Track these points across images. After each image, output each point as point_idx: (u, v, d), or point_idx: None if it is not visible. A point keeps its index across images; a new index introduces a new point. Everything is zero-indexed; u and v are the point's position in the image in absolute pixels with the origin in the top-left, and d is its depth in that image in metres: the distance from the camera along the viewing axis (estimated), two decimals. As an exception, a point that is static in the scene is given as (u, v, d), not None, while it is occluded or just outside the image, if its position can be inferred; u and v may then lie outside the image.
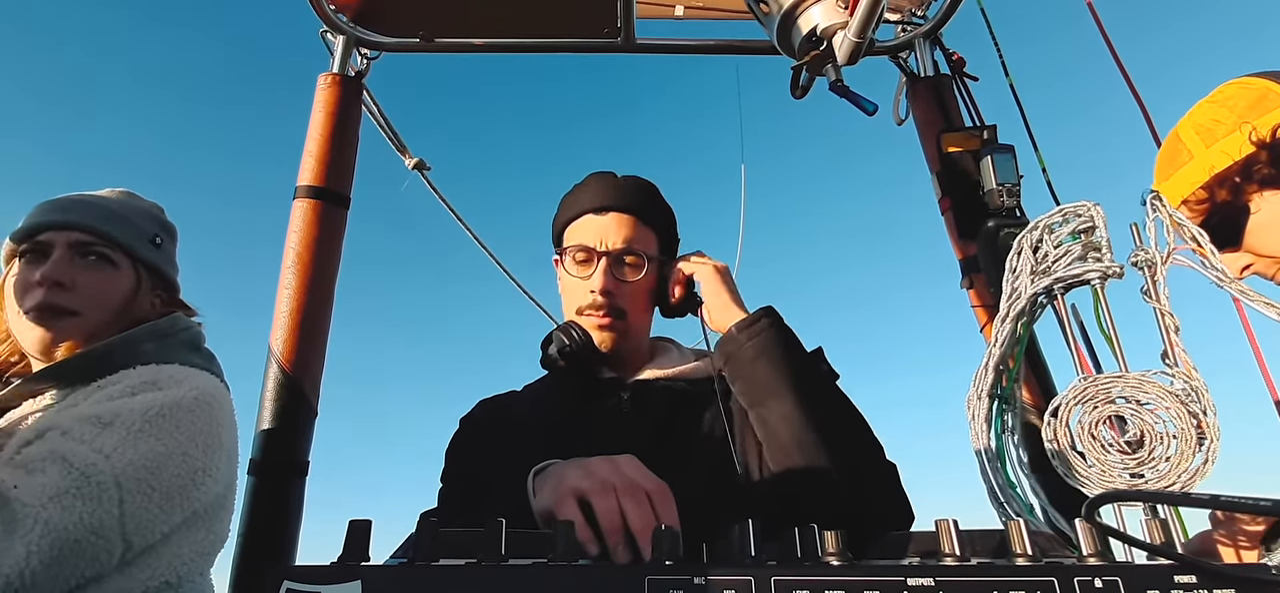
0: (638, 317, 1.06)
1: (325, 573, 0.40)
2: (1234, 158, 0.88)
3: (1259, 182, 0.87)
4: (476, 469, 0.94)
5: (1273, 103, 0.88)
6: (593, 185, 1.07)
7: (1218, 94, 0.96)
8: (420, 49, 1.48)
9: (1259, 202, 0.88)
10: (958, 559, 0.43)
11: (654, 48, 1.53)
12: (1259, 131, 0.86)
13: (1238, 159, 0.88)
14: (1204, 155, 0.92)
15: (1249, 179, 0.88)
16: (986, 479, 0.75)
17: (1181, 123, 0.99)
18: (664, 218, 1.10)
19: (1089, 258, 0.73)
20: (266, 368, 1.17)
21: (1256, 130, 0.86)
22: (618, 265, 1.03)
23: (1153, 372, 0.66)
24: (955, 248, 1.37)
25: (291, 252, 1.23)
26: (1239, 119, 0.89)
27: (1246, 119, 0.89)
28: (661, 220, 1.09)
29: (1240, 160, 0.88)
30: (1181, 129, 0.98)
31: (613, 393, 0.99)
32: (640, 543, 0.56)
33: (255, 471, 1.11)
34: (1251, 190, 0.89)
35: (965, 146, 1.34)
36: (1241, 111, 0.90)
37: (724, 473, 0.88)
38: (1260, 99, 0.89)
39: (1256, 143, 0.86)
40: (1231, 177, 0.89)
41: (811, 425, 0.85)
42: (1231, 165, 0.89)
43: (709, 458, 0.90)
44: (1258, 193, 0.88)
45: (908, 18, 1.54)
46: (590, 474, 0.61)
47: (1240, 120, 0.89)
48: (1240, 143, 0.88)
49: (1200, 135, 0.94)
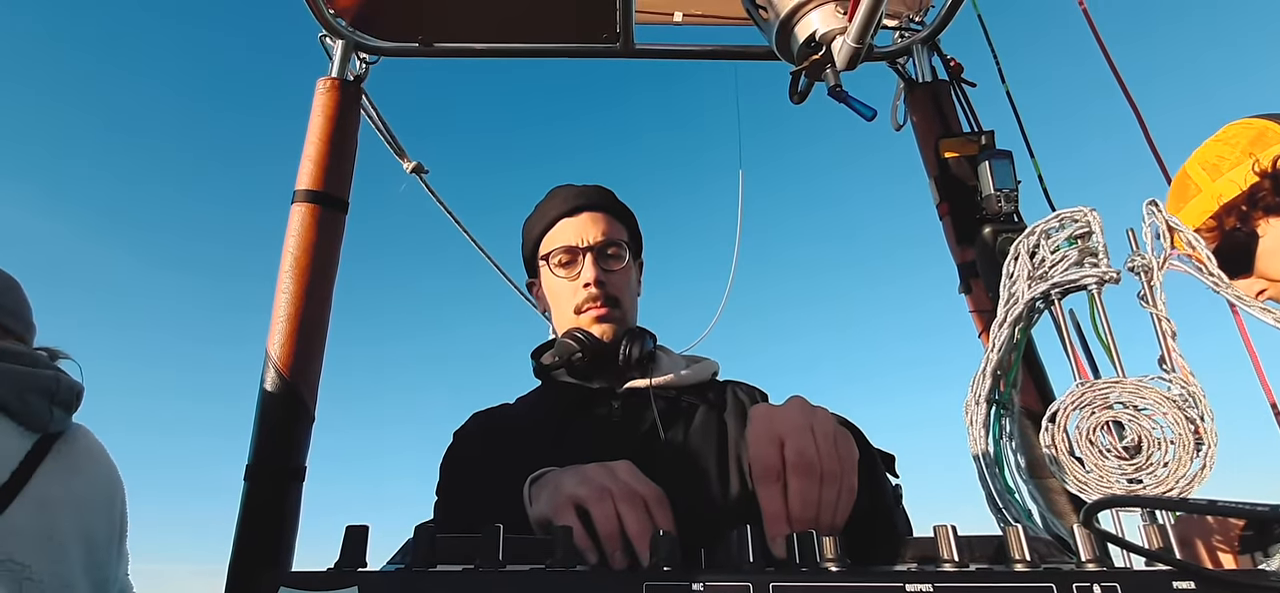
0: (629, 305, 1.07)
1: (322, 579, 0.40)
2: (1240, 187, 0.94)
3: (1264, 209, 0.93)
4: (471, 481, 0.93)
5: (1272, 139, 0.94)
6: (558, 194, 1.10)
7: (1222, 134, 1.02)
8: (419, 54, 1.48)
9: (1265, 227, 0.94)
10: (956, 565, 0.43)
11: (653, 53, 1.53)
12: (1262, 162, 0.92)
13: (1244, 188, 0.94)
14: (1211, 187, 0.98)
15: (1255, 206, 0.94)
16: (985, 485, 0.75)
17: (1189, 161, 1.05)
18: (629, 213, 1.14)
19: (1086, 263, 0.73)
20: (263, 372, 1.16)
21: (1259, 161, 0.92)
22: (603, 257, 1.05)
23: (1150, 377, 0.66)
24: (953, 253, 1.37)
25: (290, 256, 1.23)
26: (1243, 153, 0.96)
27: (1249, 153, 0.95)
28: (628, 215, 1.13)
29: (1246, 190, 0.93)
30: (1189, 166, 1.05)
31: (604, 401, 0.99)
32: (638, 549, 0.56)
33: (251, 475, 1.10)
34: (1258, 217, 0.94)
35: (963, 152, 1.35)
36: (1244, 147, 0.96)
37: (718, 478, 0.88)
38: (1260, 136, 0.96)
39: (1260, 173, 0.92)
40: (1238, 205, 0.95)
41: None
42: (1238, 194, 0.94)
43: (703, 464, 0.90)
44: (1264, 219, 0.94)
45: (906, 24, 1.54)
46: (587, 481, 0.61)
47: (1244, 154, 0.95)
48: (1245, 174, 0.94)
49: (1207, 170, 1.00)
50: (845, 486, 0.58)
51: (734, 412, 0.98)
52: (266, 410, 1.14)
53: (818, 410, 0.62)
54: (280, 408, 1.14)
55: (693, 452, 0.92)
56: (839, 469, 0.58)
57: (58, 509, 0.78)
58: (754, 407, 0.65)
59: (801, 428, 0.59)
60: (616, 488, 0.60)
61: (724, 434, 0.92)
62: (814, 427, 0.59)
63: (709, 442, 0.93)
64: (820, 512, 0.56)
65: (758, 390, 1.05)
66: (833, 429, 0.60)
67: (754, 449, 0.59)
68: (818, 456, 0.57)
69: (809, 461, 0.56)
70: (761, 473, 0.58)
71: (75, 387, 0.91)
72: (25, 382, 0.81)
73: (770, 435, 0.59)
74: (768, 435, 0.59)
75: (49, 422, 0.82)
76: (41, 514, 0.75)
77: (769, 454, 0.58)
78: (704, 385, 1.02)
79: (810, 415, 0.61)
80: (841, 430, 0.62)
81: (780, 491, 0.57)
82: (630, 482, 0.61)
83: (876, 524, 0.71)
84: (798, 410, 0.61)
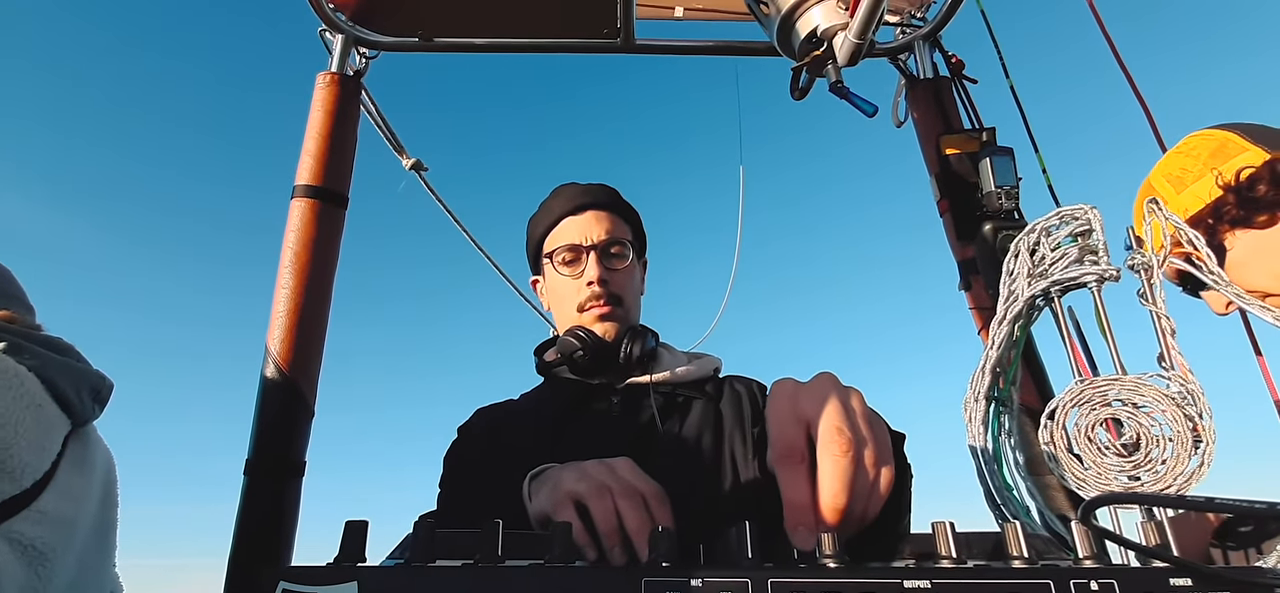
0: (632, 303, 1.08)
1: (321, 574, 0.40)
2: (1205, 200, 0.95)
3: (1229, 221, 0.93)
4: (473, 476, 0.94)
5: (1233, 151, 0.95)
6: (563, 193, 1.10)
7: (1183, 146, 1.03)
8: (419, 48, 1.48)
9: (1232, 240, 0.95)
10: (954, 562, 0.43)
11: (653, 49, 1.53)
12: (1224, 176, 0.93)
13: (1208, 201, 0.94)
14: (1176, 200, 0.98)
15: (1221, 220, 0.94)
16: (983, 482, 0.75)
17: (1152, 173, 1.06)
18: (633, 212, 1.14)
19: (1086, 261, 0.73)
20: (263, 367, 1.16)
21: (1222, 175, 0.93)
22: (606, 255, 1.05)
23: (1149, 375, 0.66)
24: (953, 250, 1.37)
25: (289, 251, 1.23)
26: (1204, 166, 0.97)
27: (1211, 166, 0.96)
28: (632, 214, 1.13)
29: (1211, 203, 0.94)
30: (1153, 178, 1.06)
31: (604, 397, 0.99)
32: (636, 546, 0.56)
33: (250, 470, 1.11)
34: (1224, 230, 0.95)
35: (964, 149, 1.34)
36: (1205, 159, 0.97)
37: (718, 475, 0.88)
38: (1221, 148, 0.97)
39: (1223, 187, 0.93)
40: (1204, 218, 0.95)
41: None
42: (1204, 207, 0.95)
43: (702, 460, 0.90)
44: (1230, 232, 0.94)
45: (907, 20, 1.54)
46: (586, 477, 0.61)
47: (1206, 167, 0.96)
48: (1209, 187, 0.94)
49: (1171, 183, 1.01)
50: (881, 473, 0.50)
51: (730, 402, 0.99)
52: (266, 405, 1.14)
53: (850, 388, 0.54)
54: (280, 403, 1.14)
55: (691, 447, 0.92)
56: (875, 454, 0.50)
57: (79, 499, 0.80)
58: (776, 381, 0.56)
59: (832, 405, 0.50)
60: (616, 485, 0.60)
61: (723, 428, 0.93)
62: (847, 403, 0.51)
63: (707, 437, 0.93)
64: (852, 500, 0.48)
65: (756, 383, 1.06)
66: (867, 409, 0.53)
67: (776, 428, 0.51)
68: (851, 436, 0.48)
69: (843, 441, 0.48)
70: (784, 453, 0.50)
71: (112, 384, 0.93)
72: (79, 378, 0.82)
73: (794, 413, 0.51)
74: (791, 413, 0.51)
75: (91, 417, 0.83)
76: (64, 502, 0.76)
77: (792, 433, 0.50)
78: (704, 381, 1.03)
79: (842, 391, 0.52)
80: (875, 412, 0.54)
81: (805, 473, 0.49)
82: (629, 478, 0.61)
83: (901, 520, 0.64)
84: (828, 384, 0.53)
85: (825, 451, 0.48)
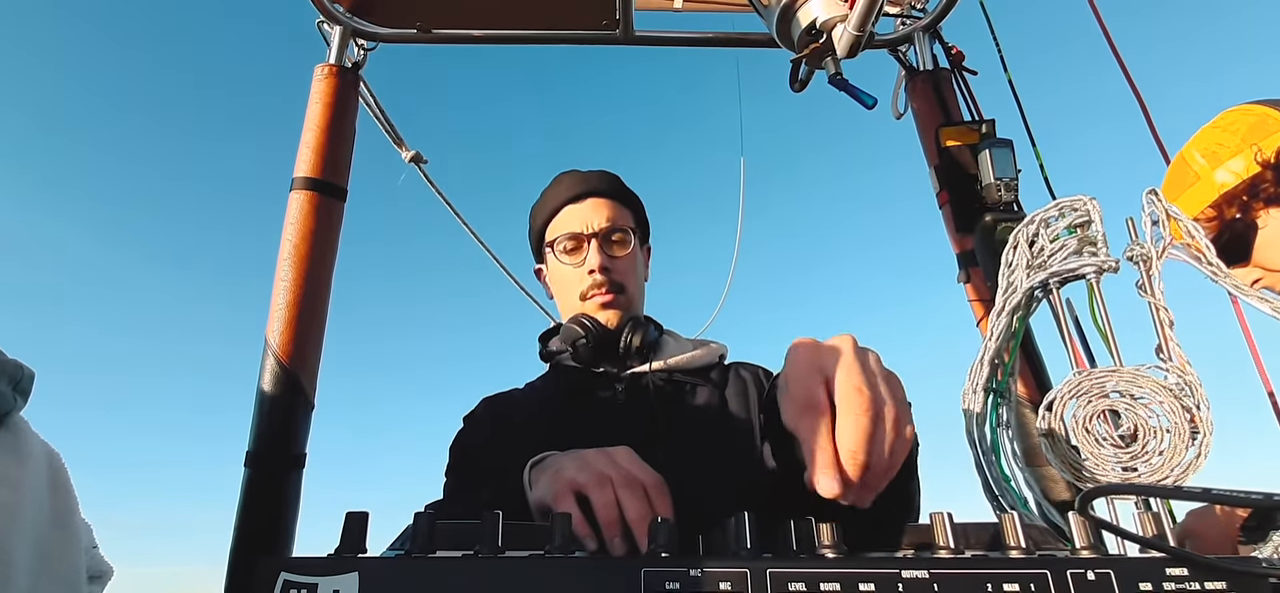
0: (635, 290, 1.07)
1: (322, 565, 0.40)
2: (1242, 176, 0.93)
3: (1264, 199, 0.92)
4: (478, 464, 0.94)
5: (1272, 126, 0.92)
6: (564, 180, 1.10)
7: (1220, 119, 1.00)
8: (418, 40, 1.47)
9: (1265, 218, 0.93)
10: (952, 552, 0.43)
11: (653, 40, 1.52)
12: (1264, 152, 0.90)
13: (1245, 178, 0.93)
14: (1211, 176, 0.97)
15: (1255, 197, 0.93)
16: (981, 473, 0.75)
17: (1187, 147, 1.04)
18: (636, 199, 1.13)
19: (1084, 252, 0.73)
20: (262, 360, 1.16)
21: (1261, 151, 0.91)
22: (608, 243, 1.05)
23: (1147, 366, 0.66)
24: (952, 242, 1.37)
25: (288, 243, 1.23)
26: (1242, 141, 0.94)
27: (1250, 141, 0.93)
28: (634, 200, 1.13)
29: (1247, 179, 0.92)
30: (1187, 153, 1.04)
31: (608, 385, 0.99)
32: (636, 536, 0.56)
33: (251, 463, 1.11)
34: (1258, 208, 0.93)
35: (963, 141, 1.34)
36: (1244, 134, 0.95)
37: (720, 464, 0.88)
38: (1260, 123, 0.94)
39: (1262, 163, 0.91)
40: (1239, 195, 0.94)
41: None
42: (1239, 184, 0.93)
43: (705, 449, 0.90)
44: (1264, 210, 0.93)
45: (907, 11, 1.53)
46: (586, 467, 0.61)
47: (1244, 143, 0.94)
48: (1246, 163, 0.92)
49: (1207, 158, 0.99)
50: (901, 433, 0.50)
51: (734, 389, 0.99)
52: (266, 398, 1.14)
53: (868, 348, 0.55)
54: (280, 396, 1.14)
55: (693, 435, 0.93)
56: (895, 413, 0.50)
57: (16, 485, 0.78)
58: (796, 340, 0.56)
59: (852, 363, 0.50)
60: (616, 474, 0.60)
61: (726, 416, 0.93)
62: (866, 363, 0.52)
63: (710, 425, 0.93)
64: (872, 455, 0.48)
65: (762, 369, 1.06)
66: (885, 370, 0.54)
67: (795, 384, 0.51)
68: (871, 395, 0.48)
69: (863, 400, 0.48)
70: (804, 406, 0.50)
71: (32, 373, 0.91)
72: None
73: (815, 366, 0.51)
74: (812, 365, 0.51)
75: (12, 407, 0.82)
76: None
77: (813, 386, 0.50)
78: (708, 368, 1.03)
79: (861, 351, 0.53)
80: (893, 373, 0.55)
81: (829, 424, 0.49)
82: (630, 468, 0.61)
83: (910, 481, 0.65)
84: (848, 343, 0.53)
85: (846, 409, 0.48)
